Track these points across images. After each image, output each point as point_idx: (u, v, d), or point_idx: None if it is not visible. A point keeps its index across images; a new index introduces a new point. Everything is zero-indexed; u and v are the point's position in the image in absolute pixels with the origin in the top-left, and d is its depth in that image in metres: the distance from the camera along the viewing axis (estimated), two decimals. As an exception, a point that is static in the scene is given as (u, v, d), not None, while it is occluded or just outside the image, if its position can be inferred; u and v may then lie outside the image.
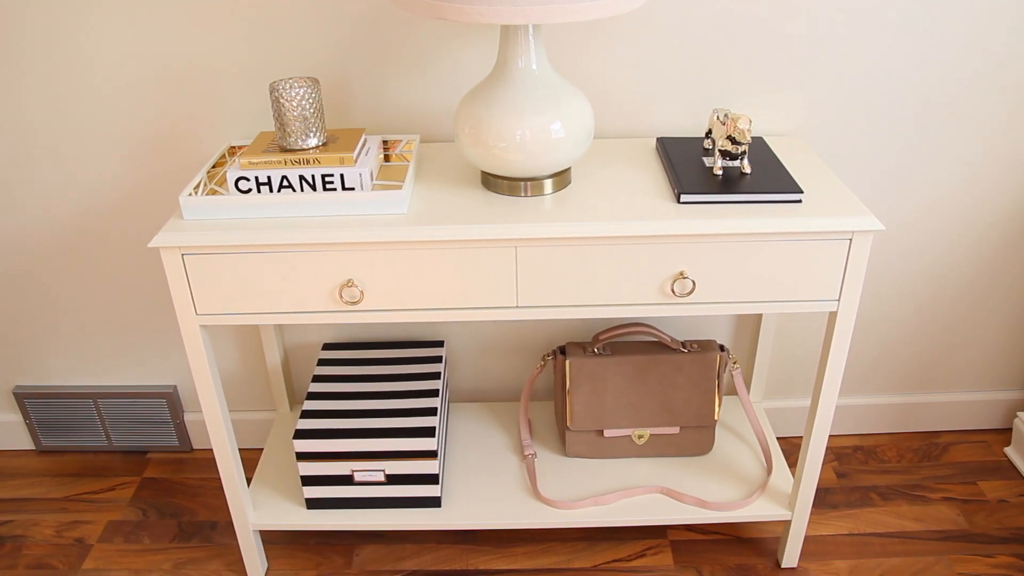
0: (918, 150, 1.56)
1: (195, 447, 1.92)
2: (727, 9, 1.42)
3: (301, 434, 1.46)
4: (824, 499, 1.72)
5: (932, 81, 1.50)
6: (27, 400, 1.84)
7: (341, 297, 1.24)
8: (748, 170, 1.29)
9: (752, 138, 1.44)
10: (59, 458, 1.90)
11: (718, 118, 1.30)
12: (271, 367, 1.73)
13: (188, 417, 1.87)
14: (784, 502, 1.51)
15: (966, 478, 1.77)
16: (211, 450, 1.91)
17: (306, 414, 1.51)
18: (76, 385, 1.85)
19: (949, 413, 1.89)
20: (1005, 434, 1.90)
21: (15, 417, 1.89)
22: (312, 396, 1.56)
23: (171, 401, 1.83)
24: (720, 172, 1.29)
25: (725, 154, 1.28)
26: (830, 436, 1.91)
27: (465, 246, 1.20)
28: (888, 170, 1.58)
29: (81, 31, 1.43)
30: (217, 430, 1.37)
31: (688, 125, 1.54)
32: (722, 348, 1.55)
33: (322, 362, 1.66)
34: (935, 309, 1.76)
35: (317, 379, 1.61)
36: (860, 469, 1.80)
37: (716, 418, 1.57)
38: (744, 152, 1.27)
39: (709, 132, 1.38)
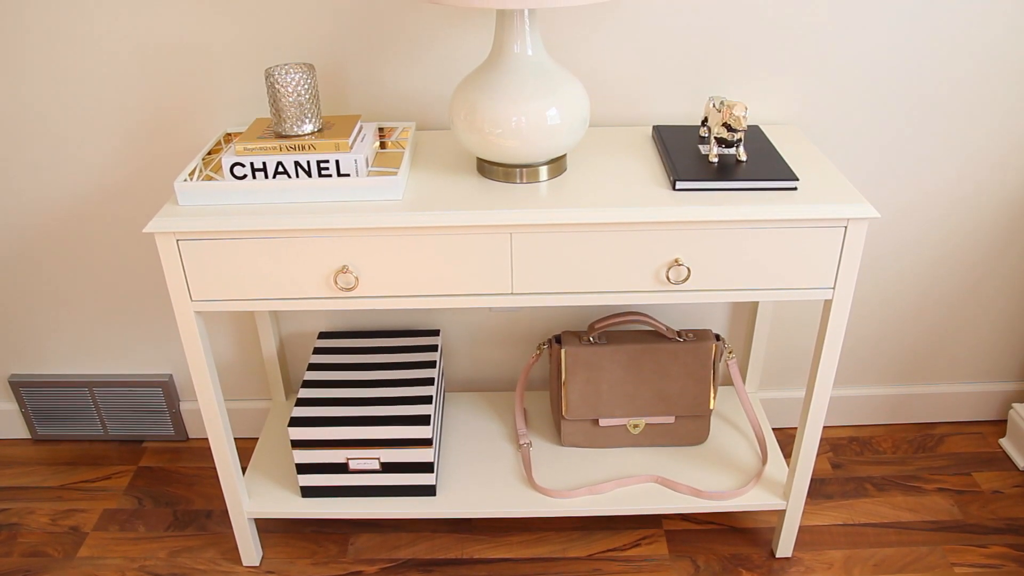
0: (914, 139, 1.56)
1: (191, 436, 1.92)
2: (724, -3, 1.42)
3: (296, 422, 1.46)
4: (819, 489, 1.73)
5: (928, 70, 1.50)
6: (23, 389, 1.84)
7: (336, 283, 1.23)
8: (744, 157, 1.29)
9: (748, 126, 1.44)
10: (55, 447, 1.90)
11: (714, 105, 1.30)
12: (267, 356, 1.73)
13: (184, 406, 1.87)
14: (779, 492, 1.52)
15: (961, 469, 1.78)
16: (207, 439, 1.91)
17: (301, 402, 1.51)
18: (72, 374, 1.84)
19: (944, 404, 1.89)
20: (1000, 425, 1.90)
21: (11, 406, 1.89)
22: (307, 384, 1.56)
23: (167, 390, 1.83)
24: (716, 159, 1.29)
25: (721, 141, 1.28)
26: (825, 427, 1.91)
27: (460, 232, 1.20)
28: (884, 159, 1.58)
29: (77, 17, 1.43)
30: (212, 419, 1.37)
31: (684, 113, 1.53)
32: (718, 338, 1.55)
33: (318, 350, 1.66)
34: (930, 300, 1.76)
35: (313, 367, 1.61)
36: (855, 460, 1.81)
37: (711, 408, 1.57)
38: (740, 139, 1.27)
39: (705, 120, 1.38)
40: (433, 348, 1.65)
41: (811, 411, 1.38)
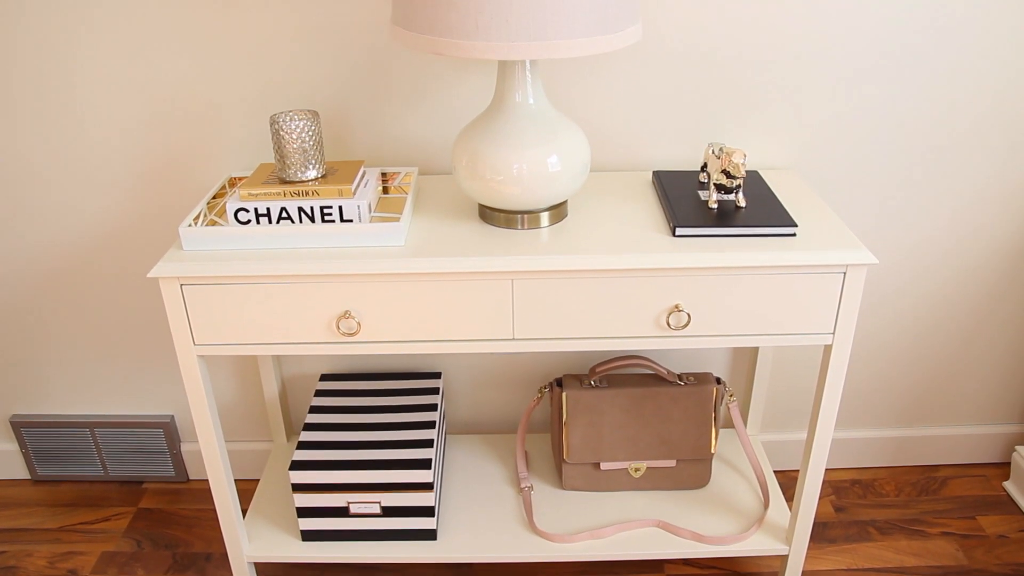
0: (912, 184, 1.58)
1: (191, 477, 1.91)
2: (722, 43, 1.45)
3: (297, 465, 1.46)
4: (822, 533, 1.71)
5: (926, 115, 1.52)
6: (23, 429, 1.84)
7: (338, 328, 1.24)
8: (743, 203, 1.30)
9: (747, 172, 1.46)
10: (54, 488, 1.90)
11: (713, 152, 1.31)
12: (268, 397, 1.73)
13: (185, 447, 1.87)
14: (781, 536, 1.51)
15: (965, 513, 1.77)
16: (207, 480, 1.91)
17: (302, 445, 1.51)
18: (73, 414, 1.85)
19: (947, 447, 1.88)
20: (1004, 468, 1.89)
21: (11, 446, 1.89)
22: (309, 427, 1.56)
23: (168, 431, 1.83)
24: (715, 205, 1.30)
25: (720, 188, 1.29)
26: (827, 469, 1.90)
27: (462, 278, 1.21)
28: (882, 203, 1.60)
29: (83, 60, 1.45)
30: (213, 461, 1.37)
31: (684, 158, 1.55)
32: (718, 381, 1.56)
33: (319, 393, 1.66)
34: (931, 342, 1.76)
35: (314, 410, 1.61)
36: (858, 503, 1.79)
37: (713, 451, 1.57)
38: (739, 186, 1.28)
39: (705, 166, 1.40)
40: (434, 391, 1.66)
41: (813, 455, 1.38)
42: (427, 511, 1.48)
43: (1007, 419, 1.87)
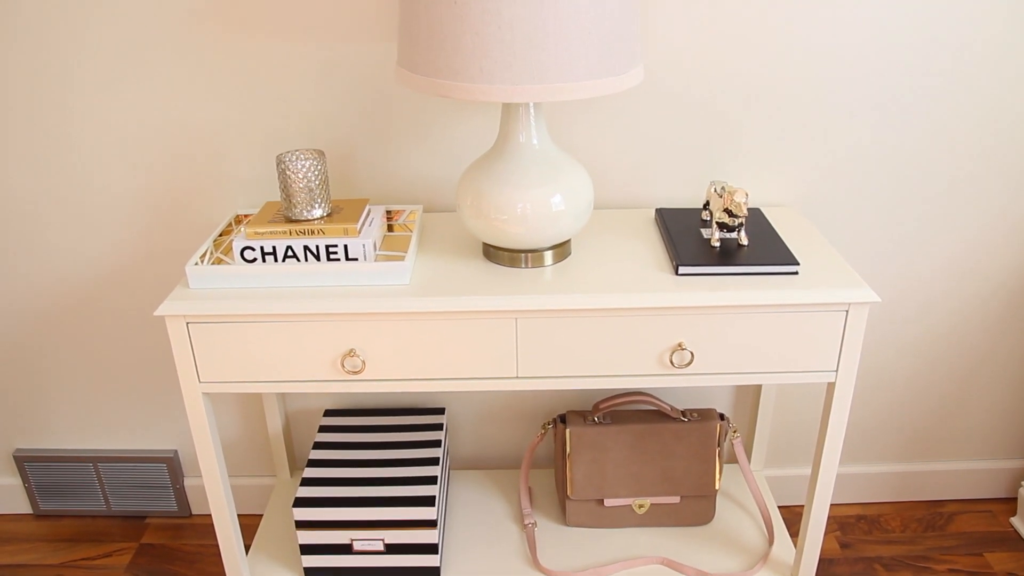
0: (914, 220, 1.59)
1: (194, 512, 1.91)
2: (724, 82, 1.46)
3: (301, 502, 1.46)
4: (827, 570, 1.70)
5: (927, 153, 1.53)
6: (27, 463, 1.84)
7: (343, 367, 1.25)
8: (745, 242, 1.31)
9: (749, 209, 1.47)
10: (56, 522, 1.89)
11: (715, 190, 1.32)
12: (272, 432, 1.74)
13: (188, 482, 1.87)
14: (786, 573, 1.50)
15: (972, 549, 1.75)
16: (210, 515, 1.90)
17: (306, 482, 1.51)
18: (76, 448, 1.85)
19: (953, 482, 1.88)
20: (1010, 503, 1.88)
21: (14, 480, 1.89)
22: (312, 463, 1.56)
23: (171, 466, 1.83)
24: (718, 244, 1.31)
25: (722, 226, 1.30)
26: (833, 505, 1.89)
27: (466, 317, 1.22)
28: (884, 239, 1.60)
29: (90, 97, 1.47)
30: (217, 497, 1.37)
31: (686, 195, 1.56)
32: (722, 417, 1.56)
33: (323, 428, 1.66)
34: (935, 377, 1.76)
35: (318, 446, 1.61)
36: (864, 539, 1.78)
37: (717, 488, 1.56)
38: (741, 224, 1.29)
39: (707, 204, 1.41)
40: (438, 427, 1.66)
41: (817, 492, 1.37)
42: (431, 548, 1.47)
43: (1013, 454, 1.86)
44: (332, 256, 1.26)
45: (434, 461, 1.55)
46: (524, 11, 1.03)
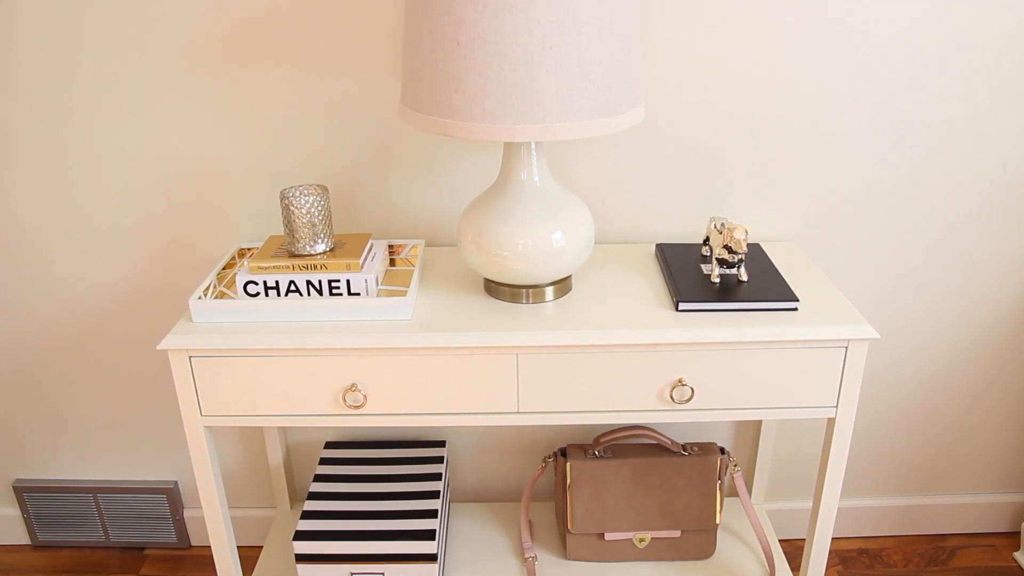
0: (914, 254, 1.60)
1: (193, 544, 1.90)
2: (723, 119, 1.48)
3: (301, 535, 1.46)
4: (829, 605, 1.70)
5: (927, 188, 1.54)
6: (26, 494, 1.83)
7: (344, 401, 1.25)
8: (745, 278, 1.32)
9: (749, 244, 1.48)
10: (55, 554, 1.89)
11: (715, 226, 1.33)
12: (273, 464, 1.73)
13: (188, 513, 1.86)
14: (788, 610, 1.49)
15: (974, 584, 1.75)
16: (210, 547, 1.89)
17: (307, 515, 1.51)
18: (76, 479, 1.84)
19: (955, 515, 1.87)
20: (1013, 538, 1.88)
21: (13, 511, 1.88)
22: (313, 496, 1.56)
23: (171, 497, 1.83)
24: (717, 280, 1.32)
25: (722, 262, 1.31)
26: (834, 539, 1.89)
27: (467, 353, 1.22)
28: (884, 273, 1.61)
29: (94, 131, 1.49)
30: (216, 529, 1.36)
31: (687, 229, 1.57)
32: (722, 451, 1.56)
33: (324, 461, 1.66)
34: (936, 409, 1.76)
35: (319, 478, 1.61)
36: (865, 573, 1.78)
37: (717, 522, 1.56)
38: (741, 260, 1.30)
39: (707, 239, 1.42)
40: (439, 460, 1.66)
41: (818, 527, 1.37)
42: (430, 583, 1.47)
43: (1015, 488, 1.86)
44: (335, 291, 1.27)
45: (435, 495, 1.55)
46: (526, 52, 1.04)
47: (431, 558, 1.45)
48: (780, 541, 1.87)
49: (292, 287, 1.27)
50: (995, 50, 1.43)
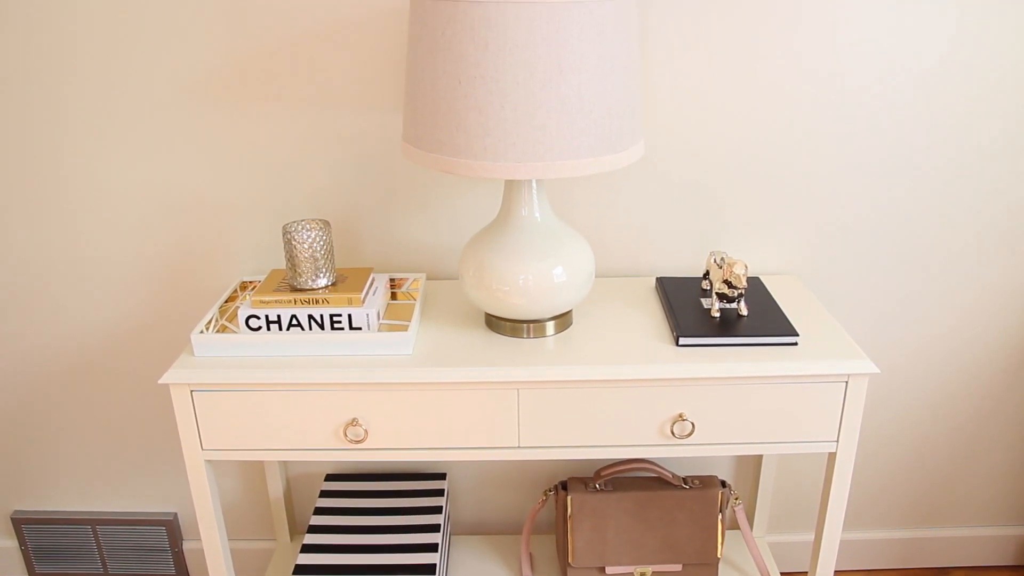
0: (914, 286, 1.60)
1: (192, 576, 1.89)
2: (723, 154, 1.49)
3: (301, 570, 1.45)
4: (832, 640, 1.68)
5: (927, 222, 1.55)
6: (24, 526, 1.83)
7: (346, 435, 1.25)
8: (745, 312, 1.33)
9: (748, 278, 1.48)
10: (53, 587, 1.88)
11: (715, 261, 1.34)
12: (273, 496, 1.73)
13: (187, 545, 1.86)
14: (791, 645, 1.48)
15: (977, 619, 1.74)
16: (208, 580, 1.89)
17: (307, 548, 1.50)
18: (75, 511, 1.84)
19: (958, 548, 1.86)
20: (1018, 572, 1.86)
21: (11, 543, 1.87)
22: (313, 529, 1.55)
23: (171, 528, 1.82)
24: (718, 314, 1.32)
25: (722, 297, 1.31)
26: (836, 572, 1.88)
27: (468, 388, 1.23)
28: (884, 306, 1.62)
29: (97, 165, 1.50)
30: (216, 563, 1.36)
31: (687, 263, 1.58)
32: (723, 484, 1.55)
33: (324, 493, 1.66)
34: (937, 442, 1.76)
35: (319, 511, 1.60)
36: (868, 608, 1.77)
37: (719, 555, 1.55)
38: (741, 295, 1.30)
39: (707, 273, 1.42)
40: (439, 492, 1.65)
41: (820, 560, 1.36)
42: (431, 618, 1.46)
43: (1018, 520, 1.85)
44: (336, 325, 1.28)
45: (435, 528, 1.54)
46: (526, 91, 1.06)
47: (431, 593, 1.44)
48: (782, 574, 1.86)
49: (294, 321, 1.28)
50: (994, 84, 1.45)
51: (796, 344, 1.27)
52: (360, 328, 1.28)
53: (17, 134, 1.48)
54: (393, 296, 1.45)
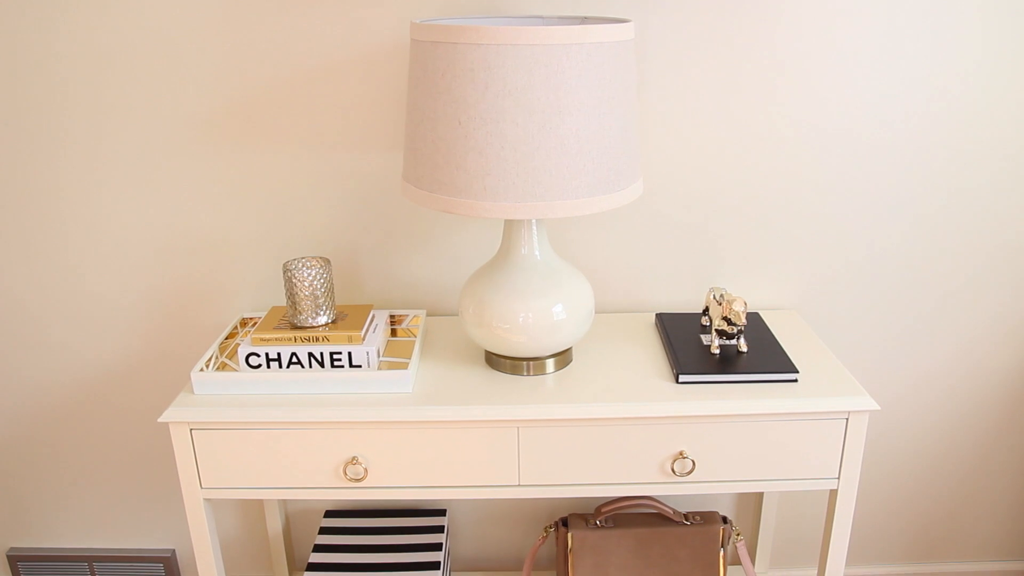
0: (914, 321, 1.61)
1: (189, 614, 1.87)
2: (722, 192, 1.50)
3: (299, 609, 1.44)
4: None
5: (924, 257, 1.56)
6: (20, 563, 1.81)
7: (345, 474, 1.25)
8: (745, 348, 1.33)
9: (748, 314, 1.49)
10: (49, 625, 1.86)
11: (715, 298, 1.34)
12: (272, 533, 1.72)
13: (184, 583, 1.84)
14: None
15: (982, 656, 1.72)
16: (206, 618, 1.87)
17: (305, 587, 1.49)
18: (73, 548, 1.82)
19: (961, 584, 1.85)
20: (1020, 606, 1.85)
21: (8, 581, 1.86)
22: (312, 567, 1.54)
23: (168, 565, 1.81)
24: (717, 351, 1.32)
25: (722, 333, 1.32)
26: (840, 608, 1.86)
27: (468, 426, 1.22)
28: (885, 341, 1.62)
29: (99, 202, 1.51)
30: (214, 605, 1.35)
31: (687, 298, 1.59)
32: (725, 520, 1.54)
33: (324, 530, 1.65)
34: (938, 477, 1.75)
35: (318, 548, 1.59)
36: (872, 645, 1.75)
37: (721, 593, 1.54)
38: (740, 332, 1.31)
39: (706, 310, 1.43)
40: (439, 529, 1.64)
41: (823, 600, 1.36)
42: (430, 658, 1.45)
43: (1021, 555, 1.84)
44: (336, 363, 1.28)
45: (435, 566, 1.53)
46: (525, 132, 1.07)
47: (431, 632, 1.43)
48: (785, 610, 1.85)
49: (294, 359, 1.28)
50: (993, 126, 1.46)
51: (796, 381, 1.27)
52: (360, 366, 1.28)
53: (18, 171, 1.49)
54: (393, 333, 1.45)
